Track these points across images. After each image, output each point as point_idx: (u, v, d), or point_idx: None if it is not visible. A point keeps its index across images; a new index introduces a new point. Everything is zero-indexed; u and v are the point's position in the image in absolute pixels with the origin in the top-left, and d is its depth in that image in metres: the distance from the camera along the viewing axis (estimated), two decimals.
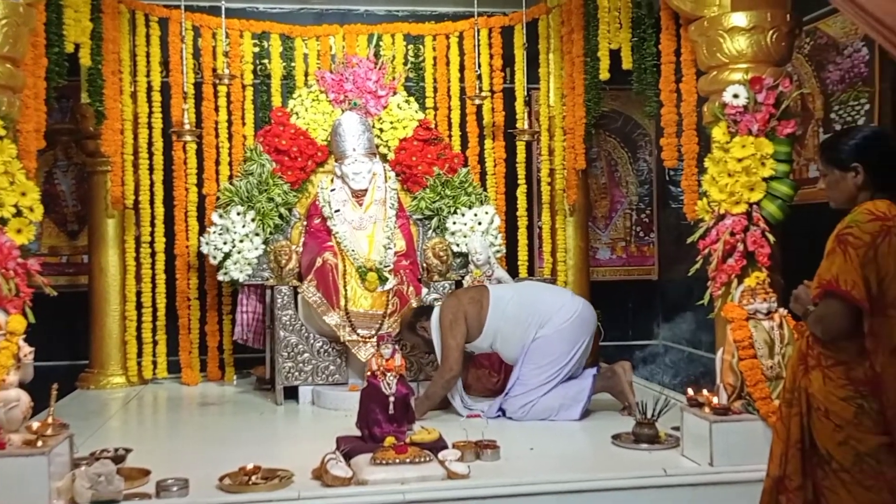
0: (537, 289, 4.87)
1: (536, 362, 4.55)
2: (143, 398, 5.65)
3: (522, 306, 4.63)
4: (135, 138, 5.94)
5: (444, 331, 4.62)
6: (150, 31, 5.96)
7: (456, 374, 4.61)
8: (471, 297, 4.70)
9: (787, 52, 3.95)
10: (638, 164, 7.44)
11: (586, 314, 4.70)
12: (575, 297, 4.81)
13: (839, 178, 2.60)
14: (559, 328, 4.58)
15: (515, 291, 4.77)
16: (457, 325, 4.59)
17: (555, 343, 4.55)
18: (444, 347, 4.63)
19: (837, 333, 2.48)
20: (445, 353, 4.61)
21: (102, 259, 5.94)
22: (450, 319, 4.60)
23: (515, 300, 4.66)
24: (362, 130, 5.45)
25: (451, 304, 4.68)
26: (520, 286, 4.94)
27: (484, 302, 4.65)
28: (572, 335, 4.59)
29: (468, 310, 4.63)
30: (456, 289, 5.22)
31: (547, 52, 6.31)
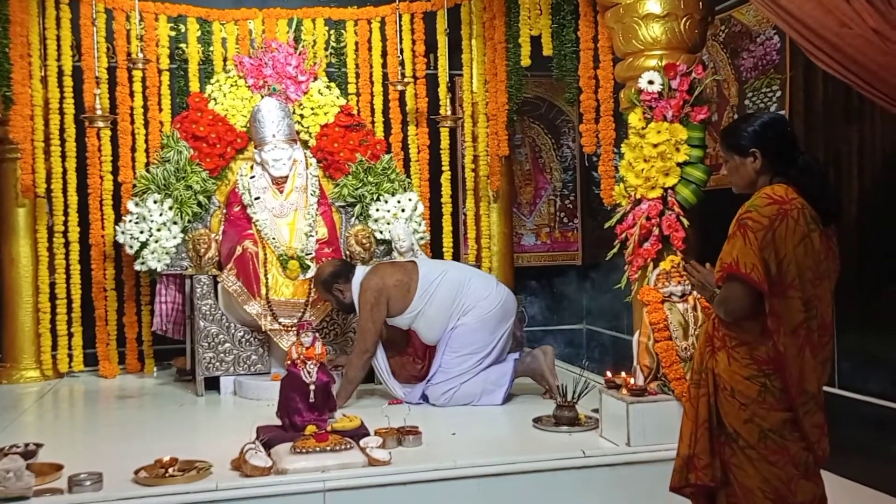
0: (467, 273, 4.84)
1: (457, 351, 4.57)
2: (59, 392, 5.49)
3: (450, 290, 4.63)
4: (46, 124, 5.73)
5: (363, 311, 4.58)
6: (60, 14, 5.75)
7: (371, 355, 4.60)
8: (398, 280, 4.63)
9: (701, 39, 4.03)
10: (562, 150, 7.52)
11: (509, 304, 4.73)
12: (500, 286, 4.83)
13: (739, 163, 2.67)
14: (482, 318, 4.60)
15: (445, 273, 4.72)
16: (377, 309, 4.57)
17: (476, 332, 4.58)
18: (361, 328, 4.60)
19: (739, 315, 2.55)
20: (362, 335, 4.59)
21: (13, 249, 5.74)
22: (371, 302, 4.56)
23: (444, 284, 4.65)
24: (282, 116, 5.37)
25: (375, 284, 4.59)
26: (450, 268, 4.87)
27: (412, 286, 4.62)
28: (494, 325, 4.62)
29: (392, 294, 4.60)
30: (382, 262, 5.09)
31: (469, 38, 6.31)
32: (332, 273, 4.76)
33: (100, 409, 5.09)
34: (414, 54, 6.29)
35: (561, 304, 7.46)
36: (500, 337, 4.66)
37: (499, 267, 6.42)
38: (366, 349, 4.57)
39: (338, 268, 4.80)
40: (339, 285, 4.72)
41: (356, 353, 4.61)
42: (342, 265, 4.84)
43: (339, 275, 4.74)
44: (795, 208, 2.52)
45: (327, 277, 4.76)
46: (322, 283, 4.80)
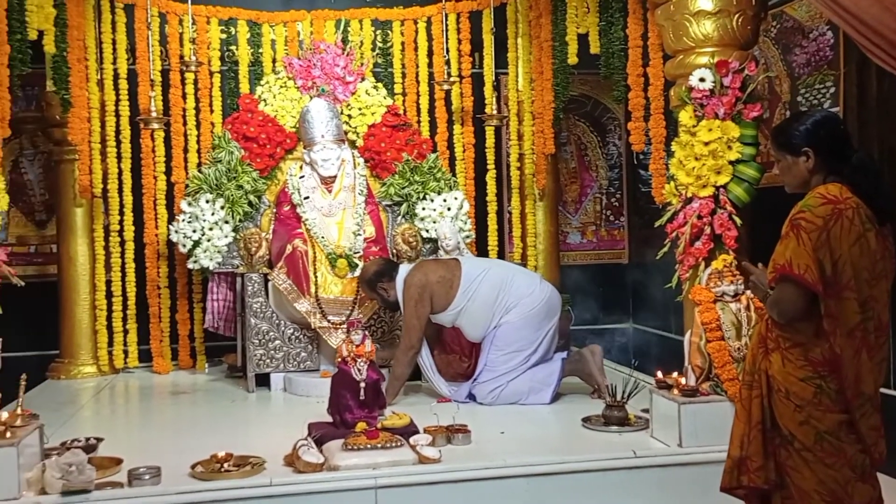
0: (511, 271, 4.85)
1: (503, 349, 4.58)
2: (115, 387, 5.62)
3: (493, 288, 4.64)
4: (102, 126, 5.87)
5: (407, 307, 4.62)
6: (115, 18, 5.89)
7: (417, 351, 4.64)
8: (441, 276, 4.65)
9: (753, 35, 3.98)
10: (608, 147, 7.48)
11: (553, 301, 4.73)
12: (543, 283, 4.83)
13: (791, 163, 2.64)
14: (526, 315, 4.61)
15: (488, 271, 4.73)
16: (421, 305, 4.60)
17: (521, 329, 4.58)
18: (406, 325, 4.65)
19: (793, 316, 2.52)
20: (407, 331, 4.63)
21: (71, 248, 5.88)
22: (415, 299, 4.60)
23: (487, 281, 4.66)
24: (330, 117, 5.43)
25: (418, 281, 4.63)
26: (494, 265, 4.90)
27: (455, 283, 4.64)
28: (538, 322, 4.63)
29: (435, 290, 4.63)
30: (425, 259, 5.11)
31: (515, 36, 6.30)
32: (376, 272, 4.82)
33: (154, 404, 5.20)
34: (460, 53, 6.30)
35: (607, 302, 7.42)
36: (546, 334, 4.66)
37: (544, 265, 6.41)
38: (411, 345, 4.61)
39: (381, 267, 4.85)
40: (382, 284, 4.77)
41: (402, 350, 4.65)
42: (385, 264, 4.89)
43: (382, 273, 4.79)
44: (850, 207, 2.49)
45: (371, 277, 4.82)
46: (366, 283, 4.86)
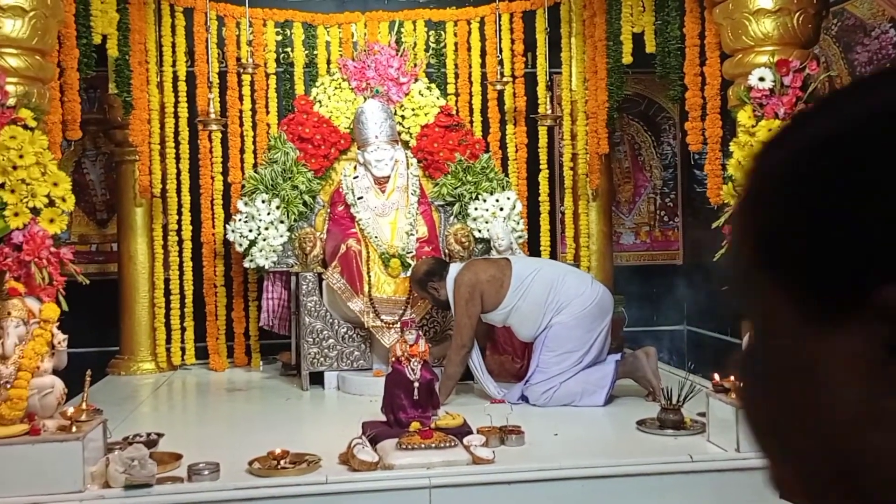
0: (562, 270, 4.84)
1: (554, 350, 4.56)
2: (173, 384, 5.73)
3: (543, 287, 4.63)
4: (161, 128, 5.99)
5: (458, 307, 4.63)
6: (175, 22, 6.00)
7: (469, 350, 4.64)
8: (491, 275, 4.65)
9: (814, 33, 3.91)
10: (662, 147, 7.41)
11: (605, 302, 4.70)
12: (595, 284, 4.80)
13: None
14: (577, 315, 4.58)
15: (539, 271, 4.72)
16: (472, 303, 4.60)
17: (572, 330, 4.56)
18: (457, 324, 4.66)
19: None
20: (458, 330, 4.64)
21: (131, 247, 6.02)
22: (465, 298, 4.60)
23: (538, 280, 4.65)
24: (384, 118, 5.48)
25: (469, 280, 4.63)
26: (545, 265, 4.89)
27: (505, 282, 4.63)
28: (590, 323, 4.60)
29: (486, 289, 4.62)
30: (476, 259, 5.11)
31: (569, 36, 6.28)
32: (427, 272, 4.84)
33: (211, 401, 5.30)
34: (513, 53, 6.30)
35: (661, 304, 7.34)
36: (598, 335, 4.64)
37: (597, 266, 6.37)
38: (463, 344, 4.61)
39: (432, 266, 4.87)
40: (433, 283, 4.80)
41: (454, 349, 4.65)
42: (436, 263, 4.91)
43: (433, 273, 4.81)
44: None
45: (422, 276, 4.85)
46: (417, 282, 4.89)
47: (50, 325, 3.30)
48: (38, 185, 3.43)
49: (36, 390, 3.22)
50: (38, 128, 3.51)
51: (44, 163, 3.47)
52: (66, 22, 3.99)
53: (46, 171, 3.47)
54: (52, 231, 3.48)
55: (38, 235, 3.41)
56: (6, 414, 3.15)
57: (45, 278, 3.41)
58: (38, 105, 3.54)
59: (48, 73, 3.68)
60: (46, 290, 3.42)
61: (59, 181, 3.52)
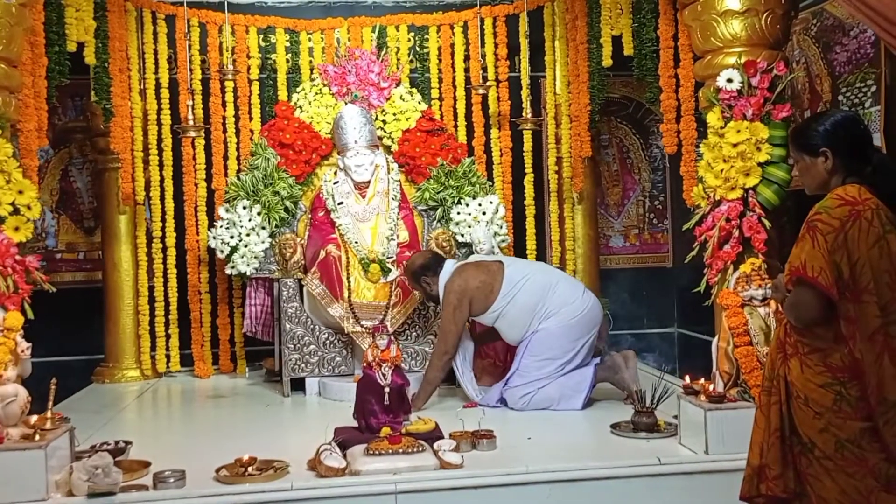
0: (554, 277, 4.81)
1: (537, 355, 4.55)
2: (157, 391, 5.73)
3: (534, 293, 4.62)
4: (144, 135, 6.01)
5: (445, 312, 4.63)
6: (157, 29, 6.01)
7: (452, 357, 4.64)
8: (481, 281, 4.65)
9: (783, 34, 3.89)
10: (650, 150, 7.38)
11: (594, 313, 4.68)
12: (587, 294, 4.76)
13: (809, 163, 2.58)
14: (564, 324, 4.57)
15: (530, 277, 4.70)
16: (459, 311, 4.61)
17: (557, 339, 4.55)
18: (442, 330, 4.65)
19: (809, 320, 2.46)
20: (443, 336, 4.64)
21: (115, 254, 6.03)
22: (454, 304, 4.60)
23: (528, 286, 4.64)
24: (363, 123, 5.47)
25: (458, 287, 4.63)
26: (537, 271, 4.85)
27: (495, 287, 4.63)
28: (576, 333, 4.58)
29: (475, 296, 4.63)
30: (468, 262, 4.99)
31: (552, 39, 6.27)
32: (422, 265, 4.86)
33: (193, 408, 5.29)
34: (496, 57, 6.29)
35: (651, 306, 7.31)
36: (583, 346, 4.62)
37: (584, 270, 6.35)
38: (446, 350, 4.61)
39: (427, 260, 4.89)
40: (426, 278, 4.82)
41: (437, 355, 4.65)
42: (432, 259, 4.92)
43: (427, 268, 4.84)
44: (869, 209, 2.41)
45: (416, 269, 4.87)
46: (411, 274, 4.91)
47: (13, 333, 3.30)
48: (2, 193, 3.44)
49: None
50: (3, 135, 3.52)
51: (8, 171, 3.48)
52: (34, 30, 4.00)
53: (11, 178, 3.48)
54: (17, 239, 3.49)
55: (3, 243, 3.41)
56: None
57: (10, 286, 3.41)
58: (3, 113, 3.55)
59: (14, 81, 3.69)
60: (11, 298, 3.42)
61: (25, 189, 3.53)
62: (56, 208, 6.69)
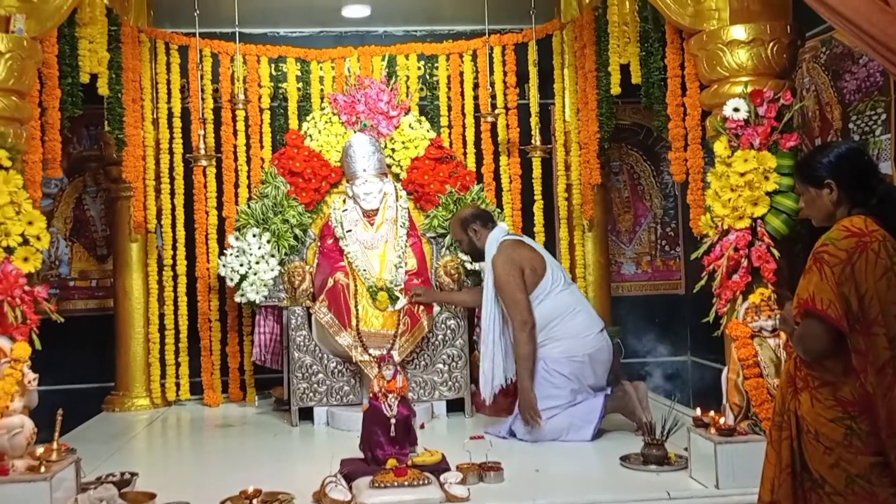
0: (579, 303, 4.77)
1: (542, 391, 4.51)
2: (166, 420, 5.73)
3: (555, 308, 4.59)
4: (157, 164, 6.05)
5: (506, 287, 4.53)
6: (170, 59, 6.08)
7: (532, 324, 4.51)
8: (531, 257, 4.65)
9: (790, 63, 3.88)
10: (662, 176, 7.36)
11: (602, 354, 4.67)
12: (602, 335, 4.70)
13: (815, 195, 2.56)
14: (566, 357, 4.55)
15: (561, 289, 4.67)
16: (517, 277, 4.54)
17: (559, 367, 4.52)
18: (511, 303, 4.52)
19: (819, 353, 2.43)
20: (515, 308, 4.51)
21: (127, 282, 6.05)
22: (510, 274, 4.54)
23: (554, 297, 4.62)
24: (372, 151, 5.49)
25: (506, 258, 4.59)
26: (568, 287, 4.80)
27: (536, 279, 4.60)
28: (582, 372, 4.58)
29: (525, 266, 4.60)
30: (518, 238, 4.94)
31: (561, 67, 6.29)
32: (473, 214, 4.95)
33: (201, 438, 5.28)
34: (505, 85, 6.31)
35: (664, 334, 7.25)
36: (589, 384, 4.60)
37: (595, 297, 6.31)
38: (524, 320, 4.48)
39: (480, 211, 4.99)
40: (475, 226, 4.88)
41: (518, 327, 4.51)
42: (484, 212, 5.01)
43: (479, 217, 4.92)
44: (876, 240, 2.39)
45: (467, 216, 4.94)
46: (460, 220, 4.96)
47: (21, 364, 3.31)
48: (11, 224, 3.47)
49: (5, 430, 3.22)
50: (14, 167, 3.55)
51: (18, 202, 3.51)
52: (47, 62, 4.05)
53: (21, 209, 3.51)
54: (26, 270, 3.51)
55: (12, 274, 3.43)
56: None
57: (18, 317, 3.43)
58: (13, 145, 3.58)
59: (25, 113, 3.73)
60: (19, 328, 3.43)
61: (34, 220, 3.55)
62: (70, 236, 6.73)
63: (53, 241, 6.50)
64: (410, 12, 6.48)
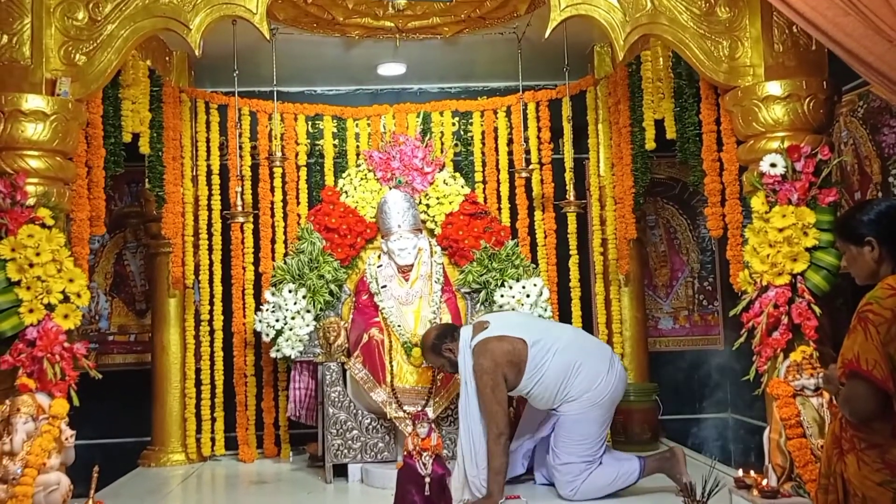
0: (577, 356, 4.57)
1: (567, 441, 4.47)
2: (201, 476, 5.71)
3: (557, 376, 4.50)
4: (195, 220, 6.14)
5: (484, 396, 4.45)
6: (209, 118, 6.22)
7: (508, 436, 4.46)
8: (508, 351, 4.48)
9: (827, 118, 3.86)
10: (698, 230, 7.30)
11: (618, 389, 4.59)
12: (612, 370, 4.58)
13: (856, 253, 2.52)
14: (586, 409, 4.48)
15: (554, 355, 4.53)
16: (498, 389, 4.43)
17: (582, 425, 4.48)
18: (488, 413, 4.44)
19: (865, 415, 2.36)
20: (492, 419, 4.41)
21: (164, 337, 6.10)
22: (490, 386, 4.43)
23: (552, 367, 4.50)
24: (407, 207, 5.53)
25: (489, 365, 4.44)
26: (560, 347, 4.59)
27: (522, 363, 4.49)
28: (600, 415, 4.52)
29: (507, 369, 4.48)
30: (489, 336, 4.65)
31: (595, 122, 6.32)
32: (438, 335, 4.73)
33: (236, 495, 5.25)
34: (540, 140, 6.34)
35: (703, 391, 7.11)
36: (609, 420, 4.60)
37: (632, 352, 6.24)
38: (500, 432, 4.39)
39: (441, 330, 4.79)
40: (447, 345, 4.67)
41: (492, 440, 4.40)
42: (444, 326, 4.87)
43: (444, 336, 4.71)
44: None
45: (434, 341, 4.72)
46: (430, 349, 4.74)
47: (59, 420, 3.34)
48: (53, 282, 3.53)
49: (42, 487, 3.24)
50: (57, 226, 3.63)
51: (60, 259, 3.57)
52: (93, 123, 4.16)
53: (62, 267, 3.57)
54: (66, 327, 3.55)
55: (52, 331, 3.48)
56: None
57: (57, 374, 3.47)
58: (57, 204, 3.67)
59: (69, 172, 3.82)
60: (58, 385, 3.47)
61: (75, 277, 3.61)
62: (109, 291, 6.83)
63: (93, 296, 6.61)
64: (445, 70, 6.57)
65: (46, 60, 3.78)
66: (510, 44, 5.97)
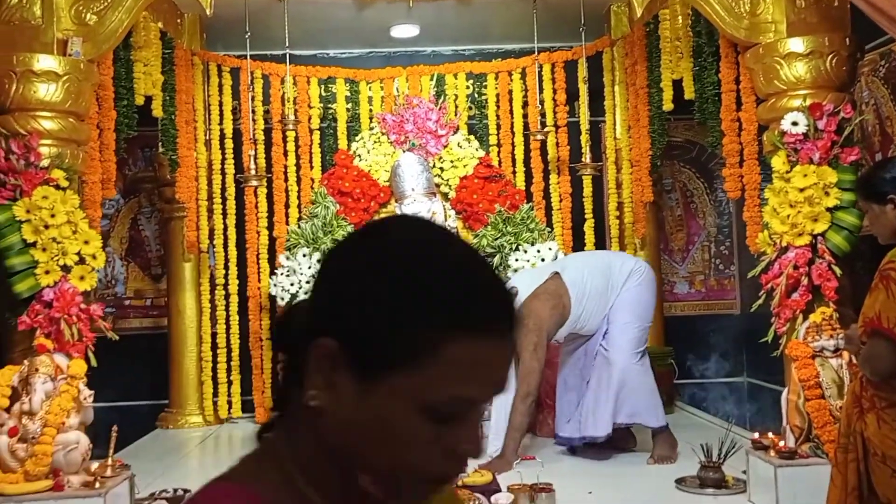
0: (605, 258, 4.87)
1: (624, 319, 4.55)
2: (219, 438, 5.76)
3: (599, 278, 4.58)
4: (209, 184, 6.13)
5: (525, 353, 4.40)
6: (222, 81, 6.17)
7: (535, 398, 4.48)
8: (552, 305, 4.50)
9: (849, 76, 3.78)
10: (716, 194, 7.23)
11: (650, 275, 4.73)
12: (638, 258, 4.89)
13: (878, 212, 2.48)
14: (643, 283, 4.63)
15: (587, 268, 4.65)
16: (540, 347, 4.43)
17: (643, 293, 4.62)
18: (524, 370, 4.38)
19: (886, 373, 2.33)
20: (525, 377, 4.37)
21: (180, 301, 6.13)
22: (534, 343, 4.41)
23: (592, 277, 4.59)
24: (420, 171, 5.50)
25: (534, 324, 4.42)
26: (588, 260, 4.84)
27: (565, 301, 4.52)
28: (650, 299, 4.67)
29: (551, 325, 4.50)
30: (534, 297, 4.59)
31: (612, 84, 6.23)
32: None
33: None
34: (555, 103, 6.27)
35: (719, 355, 7.10)
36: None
37: None
38: (528, 392, 4.38)
39: None
40: None
41: (519, 398, 4.38)
42: None
43: None
44: None
45: None
46: None
47: (77, 381, 3.35)
48: (69, 244, 3.52)
49: (60, 446, 3.26)
50: (71, 187, 3.62)
51: (75, 221, 3.56)
52: (104, 84, 4.13)
53: (77, 229, 3.57)
54: (82, 288, 3.56)
55: (69, 292, 3.49)
56: (31, 470, 3.19)
57: (75, 335, 3.48)
58: (71, 165, 3.65)
59: (82, 134, 3.80)
60: (75, 346, 3.48)
61: (91, 239, 3.61)
62: (125, 256, 6.85)
63: (109, 261, 6.62)
64: (459, 31, 6.48)
65: (57, 20, 3.74)
66: (525, 4, 5.87)
